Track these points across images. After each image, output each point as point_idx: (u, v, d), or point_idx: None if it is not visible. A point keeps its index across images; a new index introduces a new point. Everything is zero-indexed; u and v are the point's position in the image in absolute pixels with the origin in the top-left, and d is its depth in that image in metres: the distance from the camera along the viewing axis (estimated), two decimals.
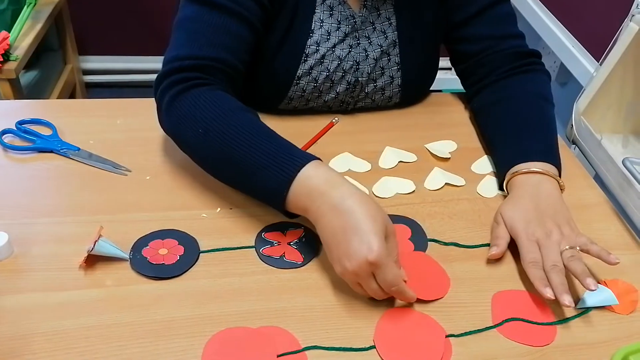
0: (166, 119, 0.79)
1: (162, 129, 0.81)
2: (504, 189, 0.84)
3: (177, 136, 0.78)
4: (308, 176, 0.68)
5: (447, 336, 0.65)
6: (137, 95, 1.00)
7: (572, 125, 0.98)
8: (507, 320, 0.68)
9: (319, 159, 0.70)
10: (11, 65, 1.52)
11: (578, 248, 0.72)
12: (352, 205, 0.65)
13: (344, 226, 0.64)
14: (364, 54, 0.92)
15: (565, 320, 0.69)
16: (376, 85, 0.96)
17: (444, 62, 1.03)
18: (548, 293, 0.68)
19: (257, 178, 0.70)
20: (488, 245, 0.77)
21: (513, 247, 0.75)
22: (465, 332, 0.66)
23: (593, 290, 0.67)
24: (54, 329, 0.62)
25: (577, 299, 0.71)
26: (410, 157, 0.92)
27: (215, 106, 0.75)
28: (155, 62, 2.27)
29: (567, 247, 0.71)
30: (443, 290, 0.71)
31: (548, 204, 0.77)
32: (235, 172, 0.73)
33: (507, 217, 0.77)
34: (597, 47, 1.49)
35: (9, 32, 1.57)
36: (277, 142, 0.72)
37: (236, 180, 0.76)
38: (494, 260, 0.75)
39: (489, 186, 0.87)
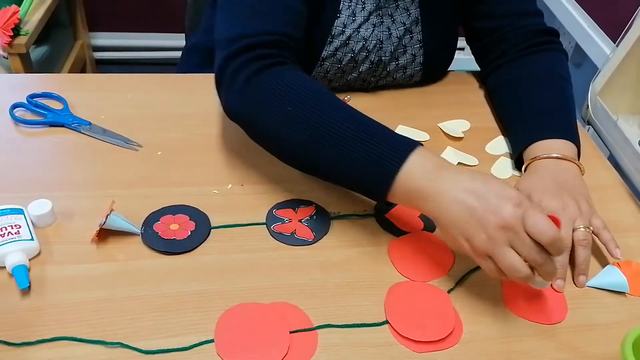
0: (239, 100, 0.72)
1: (225, 113, 0.75)
2: (522, 171, 0.82)
3: (254, 116, 0.71)
4: (422, 157, 0.64)
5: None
6: (147, 72, 1.00)
7: (587, 105, 0.96)
8: None
9: (422, 144, 0.66)
10: (21, 40, 1.52)
11: (591, 229, 0.71)
12: (478, 174, 0.63)
13: (479, 189, 0.60)
14: (387, 33, 0.91)
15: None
16: (398, 64, 0.95)
17: (458, 41, 1.02)
18: None
19: (359, 160, 0.64)
20: None
21: None
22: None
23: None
24: (66, 302, 0.62)
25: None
26: (423, 136, 0.91)
27: (305, 84, 0.70)
28: (166, 39, 2.26)
29: (582, 226, 0.71)
30: (443, 271, 0.70)
31: (567, 178, 0.76)
32: (330, 154, 0.66)
33: (523, 188, 0.76)
34: (613, 28, 1.47)
35: (19, 6, 1.56)
36: (378, 125, 0.67)
37: (327, 163, 0.68)
38: None
39: (503, 167, 0.87)
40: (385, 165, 0.64)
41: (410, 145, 0.64)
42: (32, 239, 0.66)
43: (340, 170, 0.67)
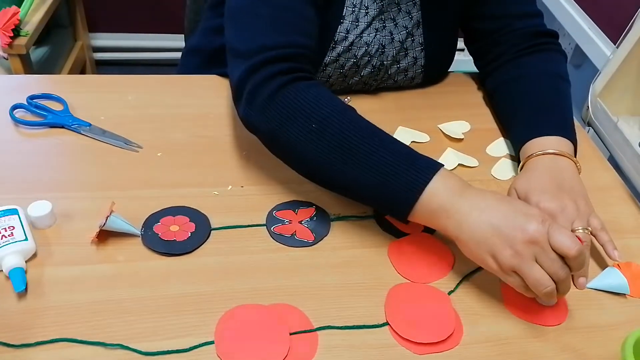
0: (261, 114, 0.70)
1: (245, 126, 0.74)
2: (519, 169, 0.82)
3: (277, 132, 0.70)
4: (444, 179, 0.65)
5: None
6: (147, 73, 1.00)
7: (587, 106, 0.96)
8: None
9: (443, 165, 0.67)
10: (21, 41, 1.52)
11: (589, 229, 0.71)
12: (500, 194, 0.66)
13: (504, 209, 0.63)
14: (389, 37, 0.91)
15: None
16: (399, 67, 0.95)
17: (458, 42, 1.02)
18: None
19: (383, 180, 0.65)
20: None
21: None
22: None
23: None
24: (66, 303, 0.62)
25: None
26: (423, 137, 0.91)
27: (328, 101, 0.70)
28: (166, 40, 2.26)
29: (580, 228, 0.70)
30: (443, 272, 0.70)
31: (564, 177, 0.76)
32: (354, 169, 0.67)
33: (521, 188, 0.76)
34: (614, 29, 1.47)
35: (19, 7, 1.56)
36: (400, 144, 0.69)
37: (353, 179, 0.68)
38: None
39: (503, 168, 0.87)
40: (410, 185, 0.65)
41: (435, 166, 0.66)
42: (26, 239, 0.66)
43: (363, 189, 0.68)
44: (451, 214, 0.64)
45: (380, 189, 0.66)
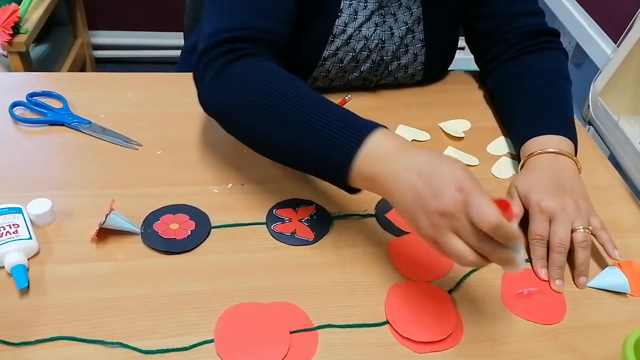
0: (210, 94, 0.71)
1: (202, 109, 0.75)
2: (519, 168, 0.82)
3: (222, 109, 0.71)
4: (380, 139, 0.61)
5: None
6: (147, 71, 1.00)
7: (588, 105, 0.96)
8: None
9: (385, 126, 0.63)
10: (21, 39, 1.51)
11: (590, 229, 0.71)
12: (435, 156, 0.59)
13: (428, 172, 0.57)
14: (389, 32, 0.91)
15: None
16: (399, 63, 0.94)
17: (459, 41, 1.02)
18: (542, 274, 0.70)
19: (318, 144, 0.63)
20: None
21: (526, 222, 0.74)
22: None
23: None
24: (66, 301, 0.62)
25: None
26: (424, 135, 0.91)
27: (268, 74, 0.69)
28: (166, 38, 2.26)
29: (581, 227, 0.70)
30: (444, 271, 0.70)
31: (565, 176, 0.76)
32: (291, 139, 0.65)
33: (521, 187, 0.76)
34: (614, 28, 1.47)
35: (19, 4, 1.56)
36: (339, 109, 0.66)
37: (290, 149, 0.66)
38: None
39: (503, 167, 0.86)
40: (344, 148, 0.62)
41: (370, 127, 0.62)
42: (30, 238, 0.66)
43: (303, 156, 0.65)
44: (383, 179, 0.60)
45: (318, 156, 0.64)
